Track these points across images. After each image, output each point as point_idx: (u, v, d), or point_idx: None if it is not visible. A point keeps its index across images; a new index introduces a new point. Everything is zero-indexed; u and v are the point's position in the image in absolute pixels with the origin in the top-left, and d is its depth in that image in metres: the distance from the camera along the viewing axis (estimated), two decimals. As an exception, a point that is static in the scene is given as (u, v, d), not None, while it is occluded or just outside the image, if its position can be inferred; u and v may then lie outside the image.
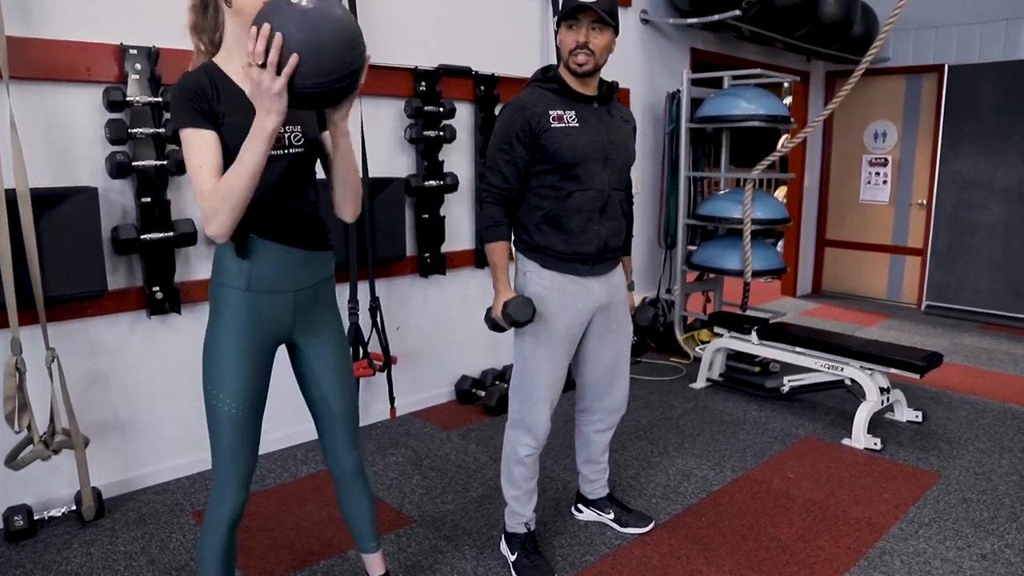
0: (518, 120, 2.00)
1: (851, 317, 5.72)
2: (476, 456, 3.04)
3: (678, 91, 4.31)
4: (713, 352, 3.93)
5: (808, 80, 5.95)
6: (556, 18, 2.09)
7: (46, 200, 2.32)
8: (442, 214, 3.48)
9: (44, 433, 2.38)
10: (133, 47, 2.48)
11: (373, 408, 3.38)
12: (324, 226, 1.68)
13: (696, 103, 4.28)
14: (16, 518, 2.38)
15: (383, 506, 2.61)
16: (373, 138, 3.19)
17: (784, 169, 5.92)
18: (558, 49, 2.09)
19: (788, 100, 5.99)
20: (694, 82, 4.45)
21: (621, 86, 4.19)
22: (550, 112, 2.01)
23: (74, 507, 2.49)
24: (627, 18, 4.32)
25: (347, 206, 1.67)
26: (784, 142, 4.05)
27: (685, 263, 4.40)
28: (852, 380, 3.30)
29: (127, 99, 2.45)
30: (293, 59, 1.28)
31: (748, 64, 5.06)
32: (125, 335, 2.64)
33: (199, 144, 1.43)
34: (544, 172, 2.01)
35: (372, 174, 3.13)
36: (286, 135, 1.53)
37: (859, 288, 6.39)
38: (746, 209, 3.95)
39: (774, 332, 3.65)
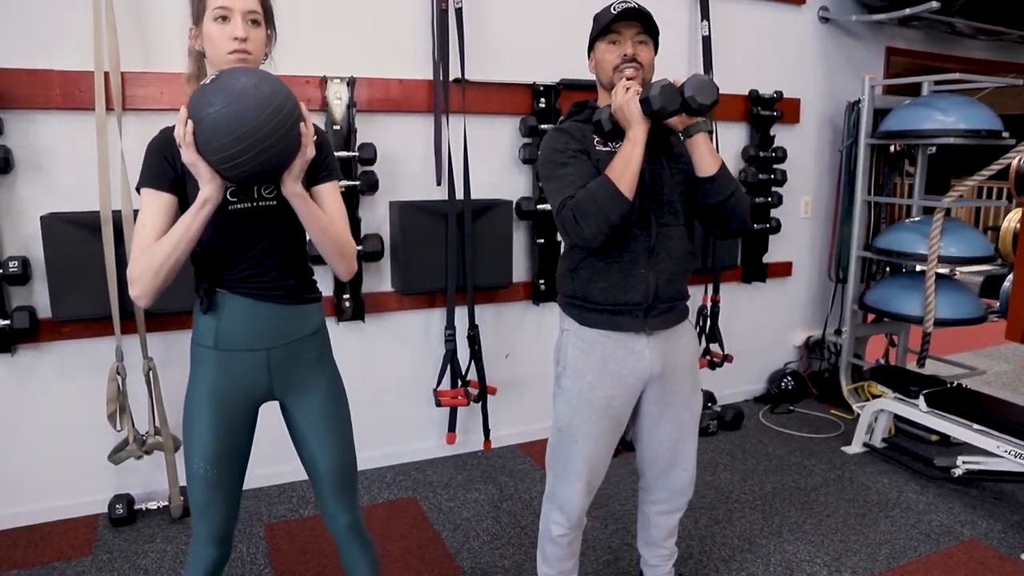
0: (564, 139, 1.76)
1: (1099, 378, 4.57)
2: (561, 504, 2.81)
3: (859, 100, 3.67)
4: (873, 413, 3.30)
5: (1062, 80, 4.81)
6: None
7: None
8: (559, 239, 3.27)
9: (143, 434, 2.59)
10: (335, 77, 2.75)
11: (472, 438, 3.28)
12: (308, 280, 1.60)
13: (883, 115, 3.62)
14: (118, 506, 2.62)
15: (441, 548, 2.51)
16: (483, 158, 3.08)
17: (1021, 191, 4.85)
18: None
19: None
20: (888, 89, 3.78)
21: (789, 96, 3.69)
22: (593, 137, 1.77)
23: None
24: (802, 16, 3.77)
25: (332, 265, 1.57)
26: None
27: (856, 302, 3.76)
28: (1045, 477, 2.58)
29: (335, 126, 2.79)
30: (189, 127, 1.30)
31: (968, 65, 4.19)
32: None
33: (150, 206, 1.42)
34: None
35: (476, 195, 3.01)
36: (258, 188, 1.46)
37: (1122, 340, 5.08)
38: (932, 243, 3.25)
39: (950, 399, 2.97)
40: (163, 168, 1.43)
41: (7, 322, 2.45)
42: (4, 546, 2.49)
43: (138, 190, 1.45)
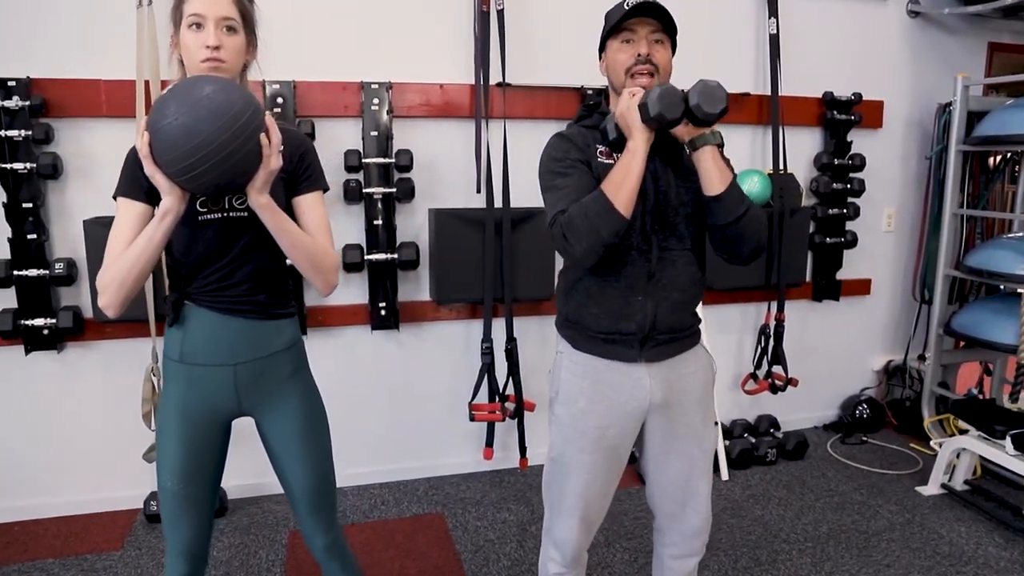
0: (565, 147, 1.62)
1: None
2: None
3: (951, 103, 3.31)
4: (953, 451, 2.96)
5: None
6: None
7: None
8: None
9: (176, 434, 2.64)
10: (373, 82, 2.75)
11: (510, 454, 3.17)
12: (282, 295, 1.54)
13: (978, 118, 3.25)
14: (152, 503, 2.69)
15: (458, 570, 2.42)
16: (528, 164, 2.91)
17: None
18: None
19: None
20: (988, 89, 3.40)
21: (869, 98, 3.39)
22: (597, 147, 1.62)
23: (199, 504, 2.74)
24: (888, 11, 3.44)
25: (309, 279, 1.51)
26: None
27: (942, 326, 3.39)
28: None
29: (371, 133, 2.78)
30: (145, 138, 1.27)
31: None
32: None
33: (123, 214, 1.41)
34: None
35: (519, 203, 2.90)
36: (229, 198, 1.42)
37: None
38: (1031, 264, 2.88)
39: (1043, 443, 2.62)
40: (137, 177, 1.41)
41: (53, 320, 2.55)
42: (45, 535, 2.60)
43: (115, 198, 1.44)
